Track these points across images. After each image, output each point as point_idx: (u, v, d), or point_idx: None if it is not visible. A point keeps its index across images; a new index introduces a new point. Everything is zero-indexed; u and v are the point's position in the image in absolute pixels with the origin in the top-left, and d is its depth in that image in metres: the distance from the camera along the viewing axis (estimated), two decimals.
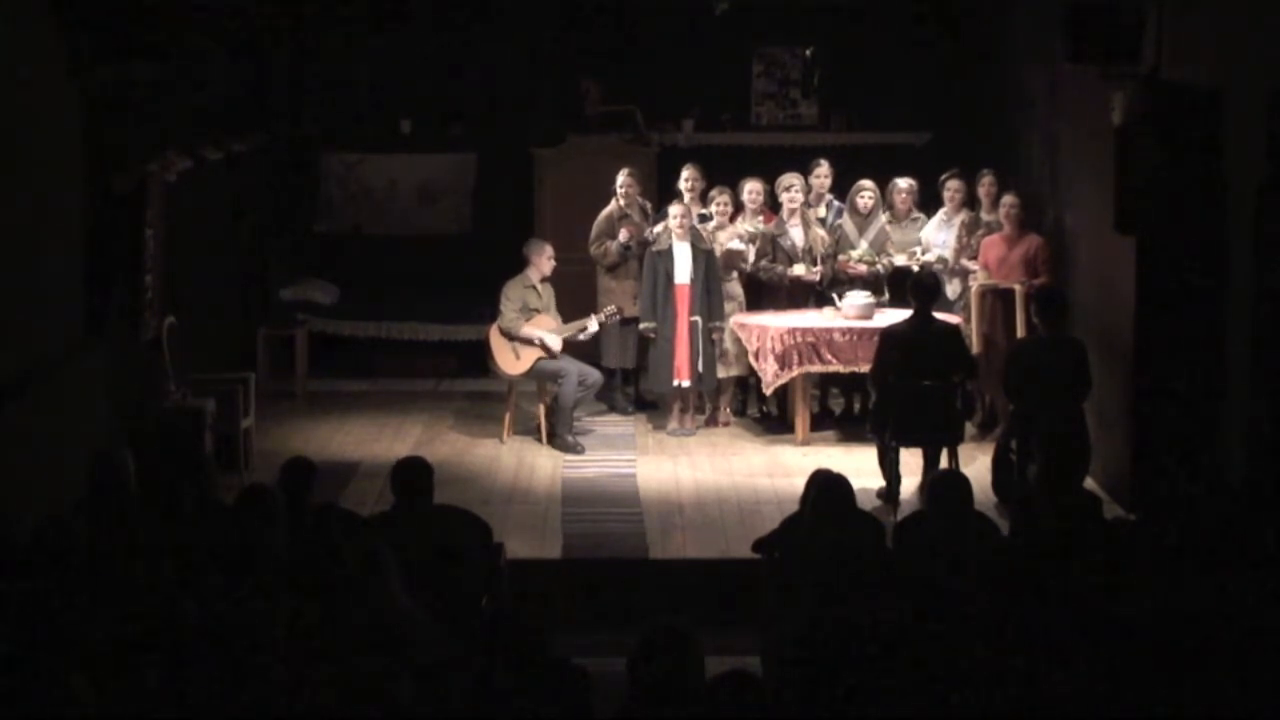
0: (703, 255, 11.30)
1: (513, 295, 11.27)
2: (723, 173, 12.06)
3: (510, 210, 13.70)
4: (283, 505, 6.84)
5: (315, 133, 13.78)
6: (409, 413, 12.32)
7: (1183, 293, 9.23)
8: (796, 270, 11.48)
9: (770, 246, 11.55)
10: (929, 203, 11.94)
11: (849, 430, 11.50)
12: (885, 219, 11.75)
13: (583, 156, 13.62)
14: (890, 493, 9.74)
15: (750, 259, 11.56)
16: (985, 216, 11.49)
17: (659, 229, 11.52)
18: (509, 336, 11.24)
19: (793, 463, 10.69)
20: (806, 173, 11.91)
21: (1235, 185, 8.70)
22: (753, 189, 11.73)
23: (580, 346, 11.61)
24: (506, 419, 11.47)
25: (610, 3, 13.67)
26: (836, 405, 12.18)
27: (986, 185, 11.54)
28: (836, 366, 11.03)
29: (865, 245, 11.59)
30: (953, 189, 11.62)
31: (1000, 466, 9.61)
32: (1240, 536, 6.56)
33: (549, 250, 11.42)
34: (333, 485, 9.74)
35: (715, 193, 11.69)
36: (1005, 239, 11.04)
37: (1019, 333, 10.66)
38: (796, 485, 7.88)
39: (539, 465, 10.88)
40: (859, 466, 9.76)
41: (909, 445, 9.84)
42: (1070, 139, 10.95)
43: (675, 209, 11.41)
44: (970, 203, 11.64)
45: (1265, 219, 8.26)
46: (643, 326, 11.47)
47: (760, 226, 11.65)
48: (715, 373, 11.49)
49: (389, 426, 11.90)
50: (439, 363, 13.41)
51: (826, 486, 7.13)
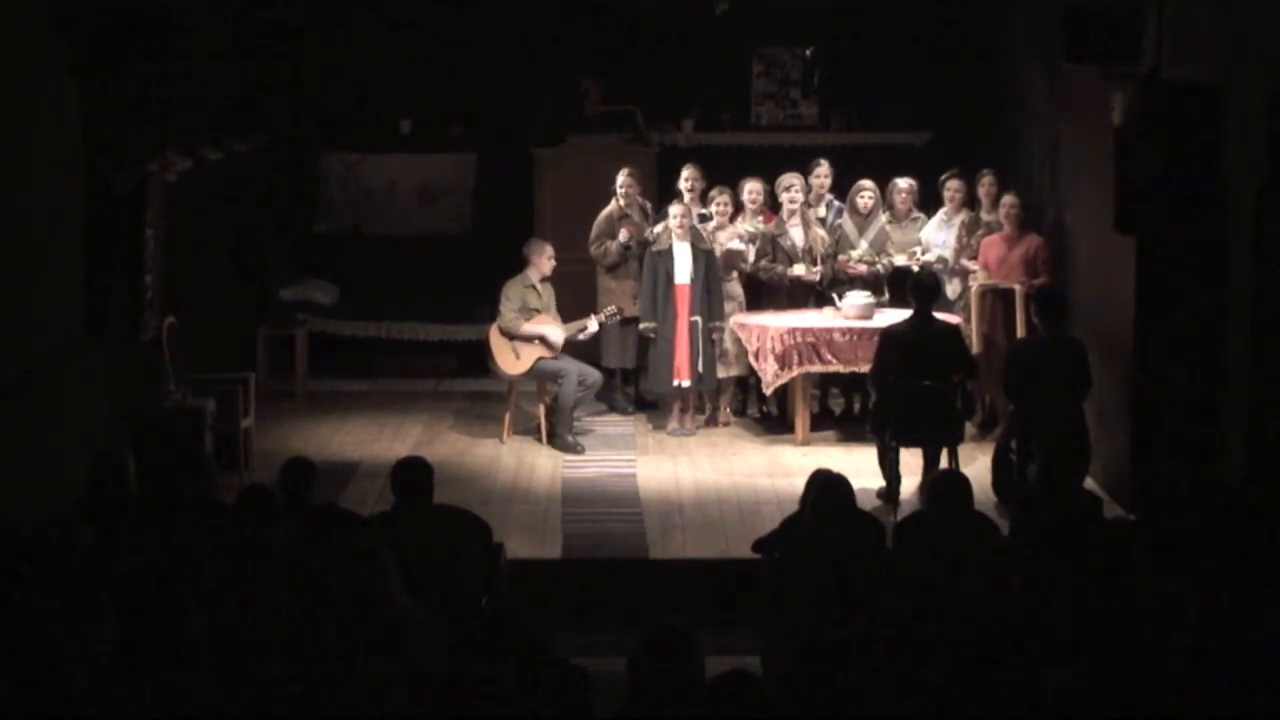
0: (703, 255, 11.30)
1: (512, 295, 11.27)
2: (723, 173, 12.05)
3: (510, 210, 13.69)
4: (283, 505, 6.84)
5: (315, 133, 13.78)
6: (409, 413, 12.32)
7: (1183, 293, 9.23)
8: (796, 270, 11.48)
9: (770, 246, 11.55)
10: (929, 203, 11.93)
11: (849, 430, 11.50)
12: (885, 219, 11.75)
13: (583, 156, 13.62)
14: (890, 493, 9.74)
15: (750, 259, 11.56)
16: (985, 216, 11.49)
17: (659, 229, 11.51)
18: (509, 336, 11.24)
19: (793, 463, 10.69)
20: (806, 173, 11.91)
21: (1235, 185, 8.70)
22: (753, 189, 11.73)
23: (580, 346, 11.60)
24: (506, 419, 11.46)
25: (610, 3, 13.68)
26: (836, 405, 12.18)
27: (986, 185, 11.53)
28: (836, 366, 11.03)
29: (865, 245, 11.59)
30: (953, 189, 11.62)
31: (1000, 466, 9.62)
32: (1240, 536, 6.56)
33: (549, 250, 11.41)
34: (333, 485, 9.74)
35: (715, 193, 11.69)
36: (1005, 239, 11.04)
37: (1019, 333, 10.66)
38: (796, 485, 7.88)
39: (539, 465, 10.88)
40: (859, 466, 9.76)
41: (909, 445, 9.85)
42: (1070, 139, 10.95)
43: (675, 209, 11.41)
44: (970, 203, 11.64)
45: (1265, 219, 8.26)
46: (643, 326, 11.47)
47: (760, 226, 11.65)
48: (715, 373, 11.48)
49: (389, 426, 11.90)
50: (439, 363, 13.41)
51: (826, 486, 7.13)
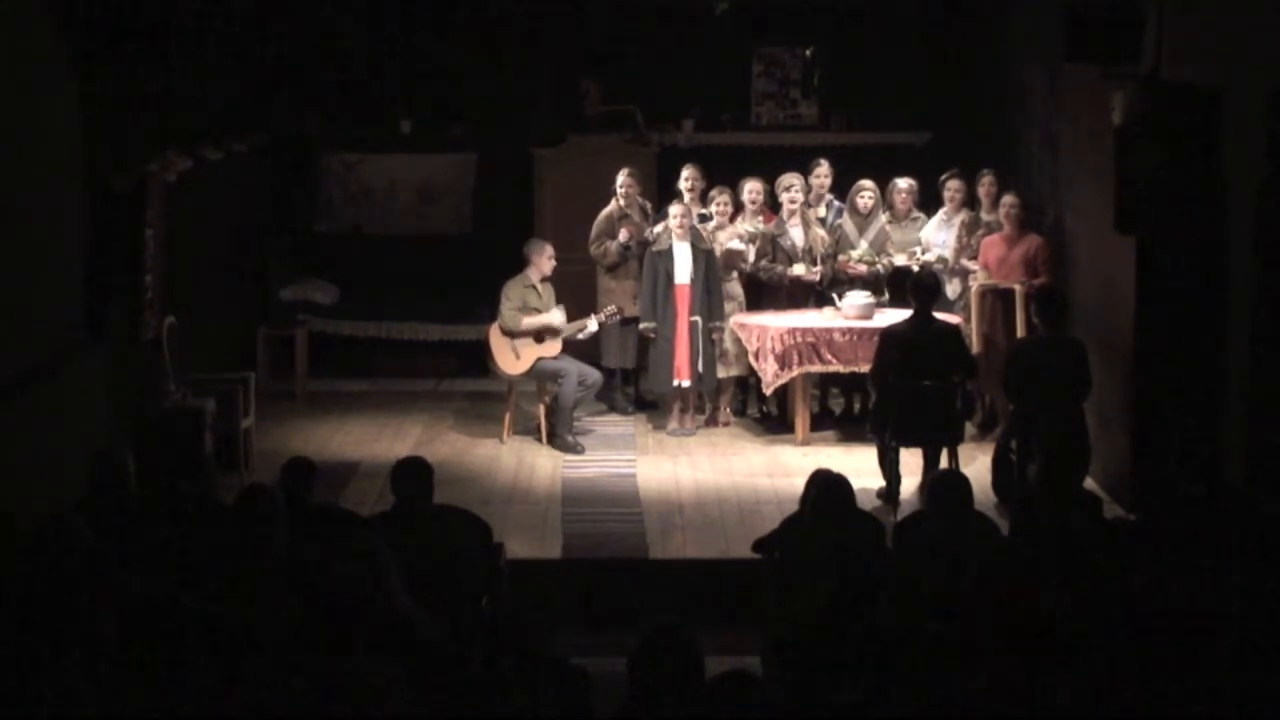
0: (703, 255, 11.30)
1: (513, 295, 11.26)
2: (723, 173, 12.05)
3: (510, 210, 13.69)
4: (283, 505, 6.83)
5: (315, 133, 13.77)
6: (409, 413, 12.32)
7: (1183, 293, 9.23)
8: (796, 270, 11.48)
9: (770, 246, 11.55)
10: (929, 203, 11.93)
11: (849, 430, 11.50)
12: (885, 219, 11.75)
13: (583, 156, 13.62)
14: (890, 493, 9.74)
15: (750, 259, 11.55)
16: (985, 216, 11.48)
17: (659, 229, 11.51)
18: (511, 335, 11.23)
19: (793, 463, 10.69)
20: (806, 173, 11.91)
21: (1235, 185, 8.70)
22: (753, 189, 11.73)
23: (580, 346, 11.61)
24: (506, 419, 11.46)
25: (610, 3, 13.67)
26: (836, 405, 12.18)
27: (986, 185, 11.53)
28: (836, 366, 11.03)
29: (865, 245, 11.59)
30: (953, 189, 11.62)
31: (1000, 466, 9.61)
32: (1240, 536, 6.57)
33: (549, 250, 11.41)
34: (333, 485, 9.74)
35: (715, 193, 11.69)
36: (1005, 239, 11.04)
37: (1019, 333, 10.65)
38: (796, 485, 7.88)
39: (539, 465, 10.88)
40: (859, 466, 9.76)
41: (909, 445, 9.84)
42: (1070, 139, 10.95)
43: (675, 209, 11.41)
44: (970, 203, 11.64)
45: (1265, 219, 8.26)
46: (643, 326, 11.47)
47: (760, 226, 11.64)
48: (715, 373, 11.48)
49: (389, 426, 11.90)
50: (439, 363, 13.42)
51: (826, 486, 7.13)
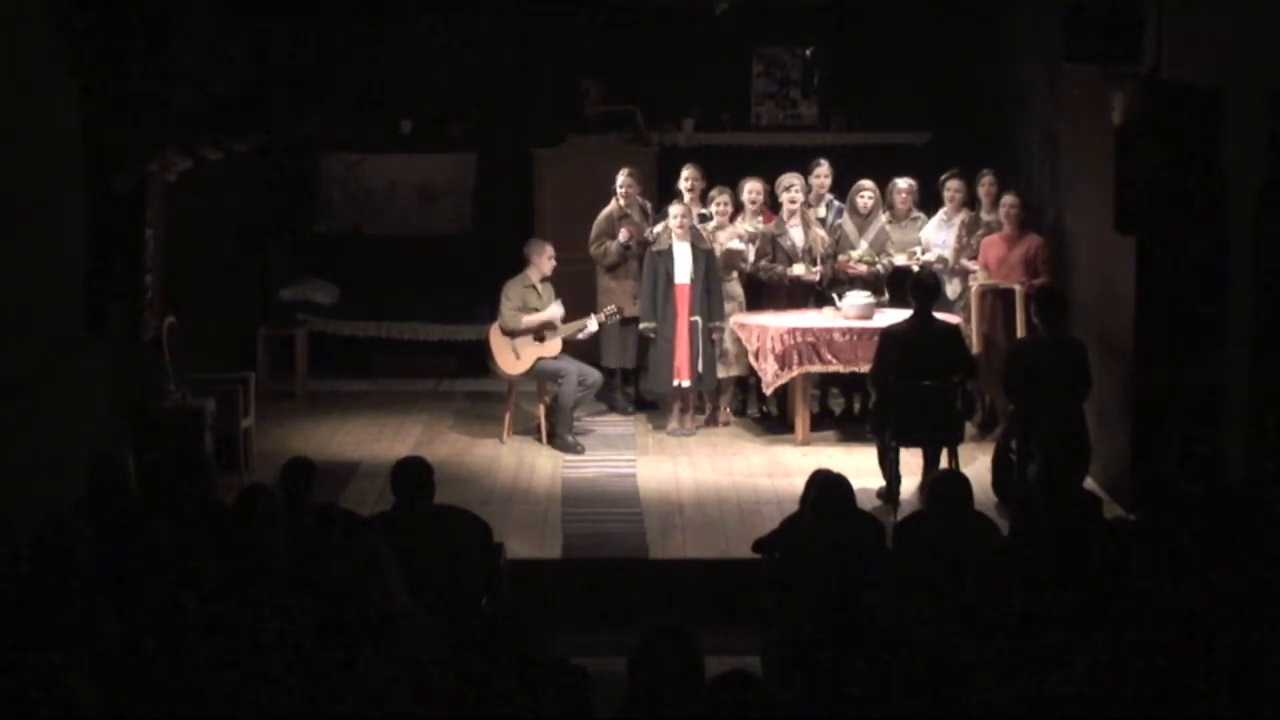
0: (703, 255, 11.30)
1: (513, 295, 11.26)
2: (723, 173, 12.06)
3: (510, 210, 13.69)
4: (283, 505, 6.83)
5: (315, 133, 13.77)
6: (409, 413, 12.32)
7: (1183, 293, 9.23)
8: (796, 270, 11.48)
9: (770, 246, 11.55)
10: (929, 203, 11.93)
11: (849, 430, 11.50)
12: (885, 219, 11.75)
13: (583, 156, 13.62)
14: (890, 493, 9.74)
15: (750, 259, 11.56)
16: (985, 216, 11.48)
17: (659, 229, 11.51)
18: (511, 334, 11.23)
19: (793, 463, 10.69)
20: (806, 173, 11.91)
21: (1235, 185, 8.69)
22: (753, 189, 11.73)
23: (580, 346, 11.61)
24: (506, 419, 11.46)
25: (610, 2, 13.67)
26: (836, 405, 12.18)
27: (986, 185, 11.54)
28: (836, 366, 11.03)
29: (865, 245, 11.59)
30: (953, 189, 11.62)
31: (1000, 466, 9.61)
32: (1240, 536, 6.56)
33: (549, 250, 11.41)
34: (333, 485, 9.74)
35: (715, 193, 11.69)
36: (1005, 239, 11.04)
37: (1019, 333, 10.65)
38: (796, 485, 7.88)
39: (539, 465, 10.88)
40: (859, 466, 9.76)
41: (909, 445, 9.84)
42: (1070, 139, 10.95)
43: (675, 209, 11.41)
44: (970, 203, 11.64)
45: (1265, 219, 8.25)
46: (643, 326, 11.47)
47: (760, 226, 11.65)
48: (715, 373, 11.48)
49: (389, 426, 11.90)
50: (439, 363, 13.42)
51: (826, 486, 7.13)
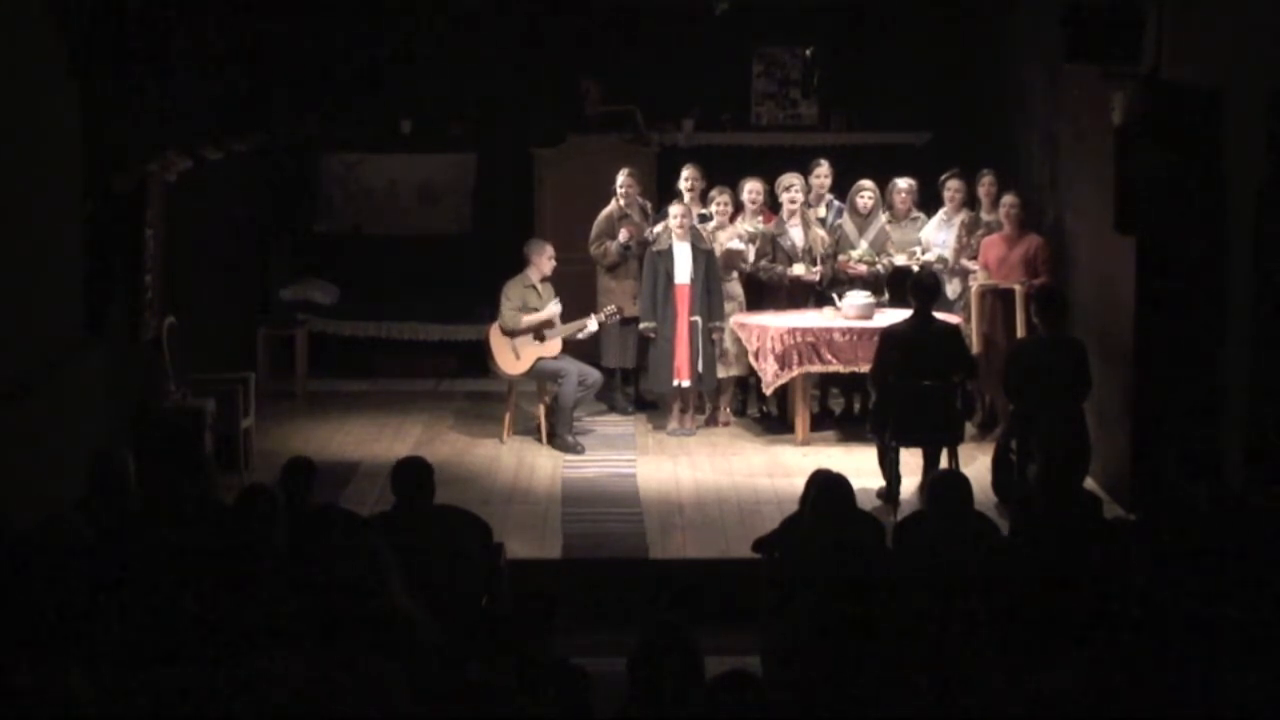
0: (703, 255, 11.30)
1: (513, 295, 11.26)
2: (723, 173, 12.06)
3: (510, 210, 13.70)
4: (283, 505, 6.84)
5: (315, 133, 13.77)
6: (409, 413, 12.32)
7: (1183, 293, 9.23)
8: (796, 270, 11.48)
9: (770, 246, 11.55)
10: (929, 203, 11.93)
11: (849, 430, 11.50)
12: (885, 219, 11.75)
13: (583, 156, 13.62)
14: (890, 493, 9.74)
15: (750, 259, 11.56)
16: (985, 216, 11.48)
17: (659, 229, 11.51)
18: (511, 334, 11.23)
19: (793, 463, 10.69)
20: (806, 173, 11.91)
21: (1235, 185, 8.70)
22: (753, 189, 11.73)
23: (580, 346, 11.61)
24: (506, 419, 11.46)
25: (610, 2, 13.68)
26: (836, 405, 12.18)
27: (986, 185, 11.54)
28: (836, 366, 11.03)
29: (865, 245, 11.59)
30: (953, 189, 11.62)
31: (1000, 466, 9.61)
32: (1240, 536, 6.56)
33: (549, 250, 11.41)
34: (333, 485, 9.74)
35: (715, 193, 11.69)
36: (1005, 239, 11.04)
37: (1019, 333, 10.65)
38: (796, 485, 7.88)
39: (539, 465, 10.88)
40: (859, 466, 9.76)
41: (909, 445, 9.84)
42: (1070, 139, 10.95)
43: (675, 209, 11.41)
44: (970, 203, 11.64)
45: (1265, 219, 8.26)
46: (643, 326, 11.47)
47: (760, 226, 11.65)
48: (715, 373, 11.48)
49: (389, 426, 11.90)
50: (439, 363, 13.42)
51: (826, 486, 7.13)
